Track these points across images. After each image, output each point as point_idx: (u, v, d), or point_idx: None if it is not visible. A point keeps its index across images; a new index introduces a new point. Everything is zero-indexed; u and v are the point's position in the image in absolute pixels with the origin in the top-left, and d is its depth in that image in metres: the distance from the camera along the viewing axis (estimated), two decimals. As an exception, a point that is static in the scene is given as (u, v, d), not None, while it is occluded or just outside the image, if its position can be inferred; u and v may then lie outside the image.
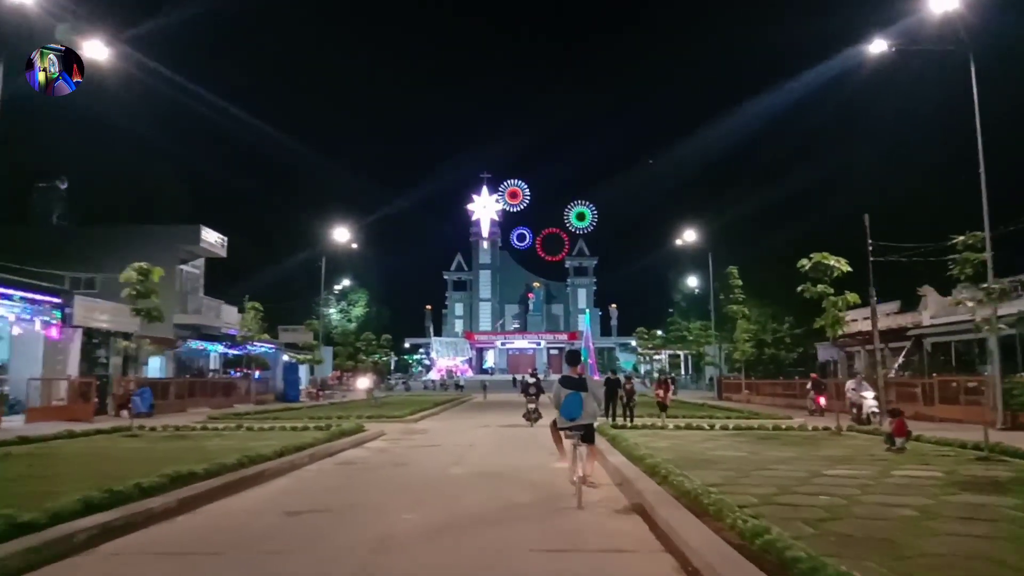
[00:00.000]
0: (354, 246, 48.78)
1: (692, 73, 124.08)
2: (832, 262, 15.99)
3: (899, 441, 12.16)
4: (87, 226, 34.93)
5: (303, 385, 49.36)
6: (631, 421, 17.79)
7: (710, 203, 61.64)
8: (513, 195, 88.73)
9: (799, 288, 16.59)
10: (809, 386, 25.79)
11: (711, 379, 63.53)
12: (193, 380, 32.85)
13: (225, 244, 37.54)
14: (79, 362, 24.77)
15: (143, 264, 16.47)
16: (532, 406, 19.45)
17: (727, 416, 21.71)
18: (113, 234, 33.87)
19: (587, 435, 7.69)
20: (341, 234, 46.90)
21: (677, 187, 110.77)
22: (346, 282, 74.64)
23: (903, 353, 34.99)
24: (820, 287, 16.17)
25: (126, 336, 27.36)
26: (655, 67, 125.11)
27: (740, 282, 23.25)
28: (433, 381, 70.11)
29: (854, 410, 16.78)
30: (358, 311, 77.01)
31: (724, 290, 43.73)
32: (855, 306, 17.02)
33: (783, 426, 17.55)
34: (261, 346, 42.65)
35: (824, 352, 48.76)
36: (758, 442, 13.70)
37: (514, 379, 65.27)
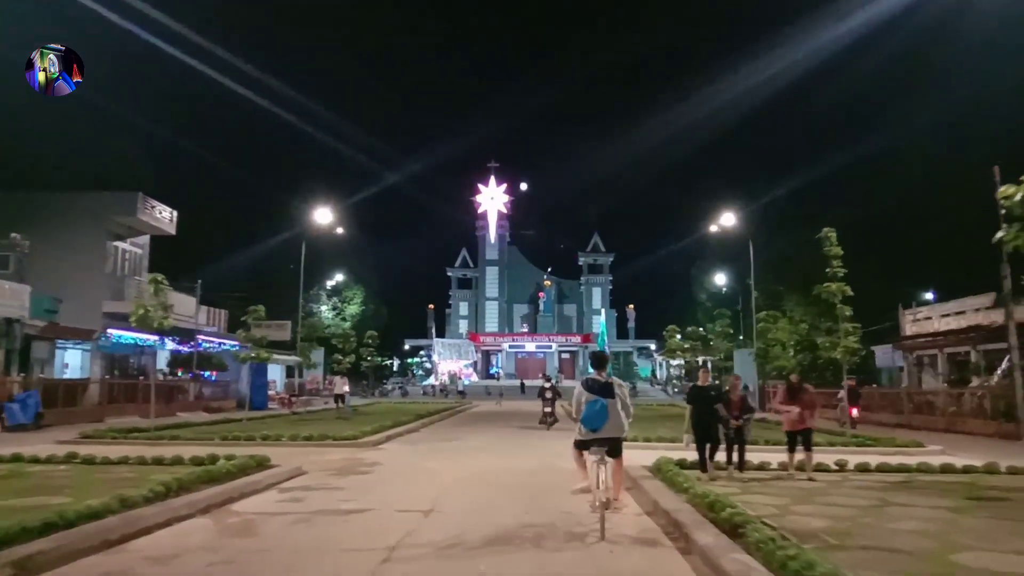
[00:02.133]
0: (340, 231, 42.20)
1: (722, 35, 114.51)
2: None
3: None
4: (-1, 192, 28.52)
5: (279, 390, 43.00)
6: (739, 466, 9.89)
7: (744, 184, 54.10)
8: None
9: (996, 236, 9.76)
10: (841, 395, 21.41)
11: (746, 387, 56.31)
12: (116, 382, 26.33)
13: (174, 219, 31.11)
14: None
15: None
16: (548, 409, 20.18)
17: (828, 442, 14.91)
18: (28, 202, 27.48)
19: (613, 449, 6.42)
20: (328, 218, 40.31)
21: (705, 170, 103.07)
22: (340, 277, 68.14)
23: (1006, 357, 28.09)
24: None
25: (8, 322, 20.95)
26: (679, 26, 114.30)
27: (840, 250, 16.52)
28: (433, 386, 63.45)
29: None
30: (353, 309, 70.41)
31: (794, 269, 36.78)
32: None
33: (957, 465, 10.67)
34: (225, 343, 36.25)
35: (883, 357, 41.66)
36: (987, 512, 6.94)
37: (522, 384, 58.76)
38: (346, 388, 25.49)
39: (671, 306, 75.32)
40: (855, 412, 20.41)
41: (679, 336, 37.35)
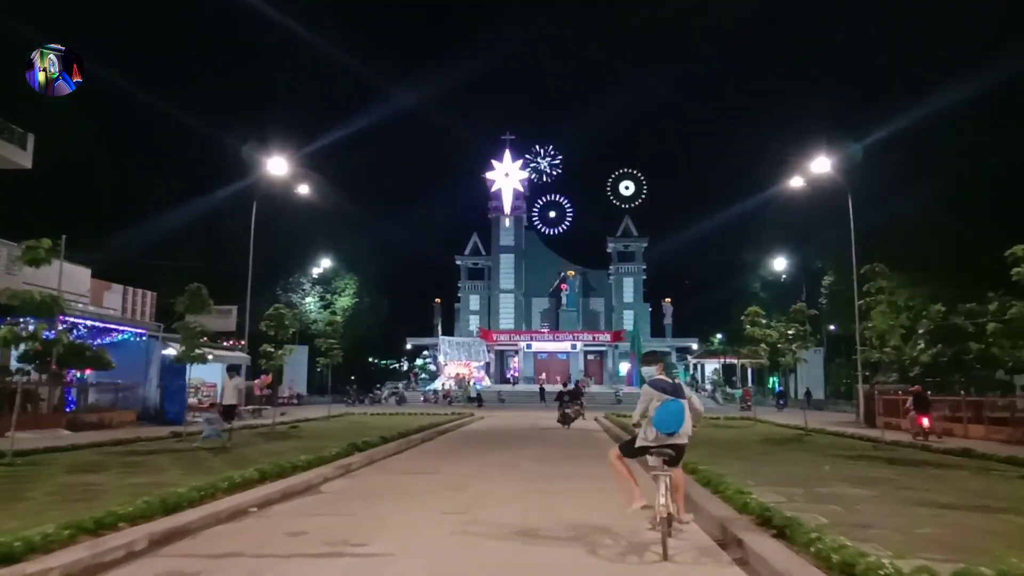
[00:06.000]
0: (304, 190, 32.08)
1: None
2: None
3: None
4: None
5: (217, 396, 32.89)
6: None
7: (811, 141, 42.24)
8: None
9: None
10: (909, 403, 19.33)
11: (807, 393, 45.48)
12: None
13: (29, 145, 21.09)
14: None
15: None
16: (567, 411, 22.55)
17: None
18: None
19: (675, 457, 6.16)
20: (284, 168, 30.13)
21: (759, 125, 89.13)
22: (327, 263, 58.11)
23: None
24: None
25: None
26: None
27: None
28: (435, 392, 53.28)
29: None
30: (344, 301, 60.38)
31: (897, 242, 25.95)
32: None
33: None
34: (123, 330, 26.17)
35: (1044, 352, 30.80)
36: None
37: (542, 390, 48.63)
38: (234, 400, 15.33)
39: (715, 300, 64.60)
40: (926, 422, 18.18)
41: (764, 322, 26.61)
